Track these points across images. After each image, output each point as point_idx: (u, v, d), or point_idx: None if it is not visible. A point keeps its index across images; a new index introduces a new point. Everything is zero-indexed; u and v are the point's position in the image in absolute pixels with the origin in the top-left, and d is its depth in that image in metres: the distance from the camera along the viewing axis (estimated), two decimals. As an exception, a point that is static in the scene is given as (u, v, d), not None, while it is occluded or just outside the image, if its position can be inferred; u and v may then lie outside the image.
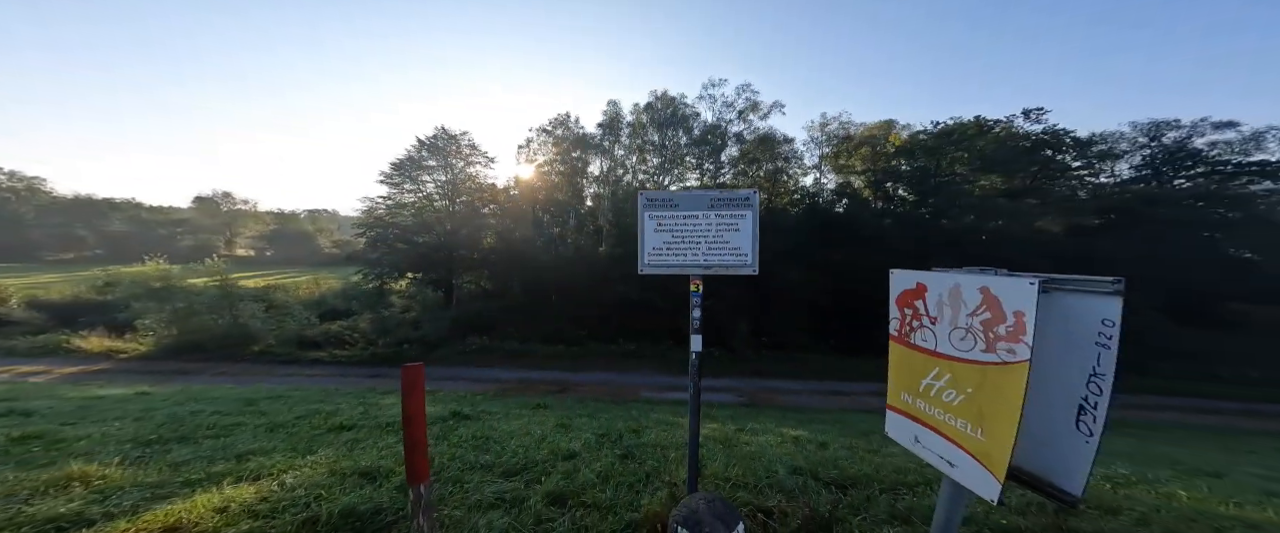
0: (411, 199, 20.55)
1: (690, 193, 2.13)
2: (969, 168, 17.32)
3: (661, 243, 2.10)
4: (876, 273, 10.19)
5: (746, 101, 21.52)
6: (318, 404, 5.78)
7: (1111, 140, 18.69)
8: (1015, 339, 1.03)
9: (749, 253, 2.06)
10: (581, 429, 4.19)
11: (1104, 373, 0.96)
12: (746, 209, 2.07)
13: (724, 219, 2.06)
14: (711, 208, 2.09)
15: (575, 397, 10.76)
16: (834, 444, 3.71)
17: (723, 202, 2.08)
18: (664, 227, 2.10)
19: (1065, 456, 1.04)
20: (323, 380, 11.84)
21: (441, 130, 20.58)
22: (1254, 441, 7.80)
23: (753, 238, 2.05)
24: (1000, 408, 1.05)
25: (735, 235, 2.06)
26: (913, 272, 1.43)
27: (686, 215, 2.09)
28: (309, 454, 3.13)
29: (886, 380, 1.48)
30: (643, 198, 2.14)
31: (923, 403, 1.33)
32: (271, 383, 10.53)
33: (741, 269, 2.06)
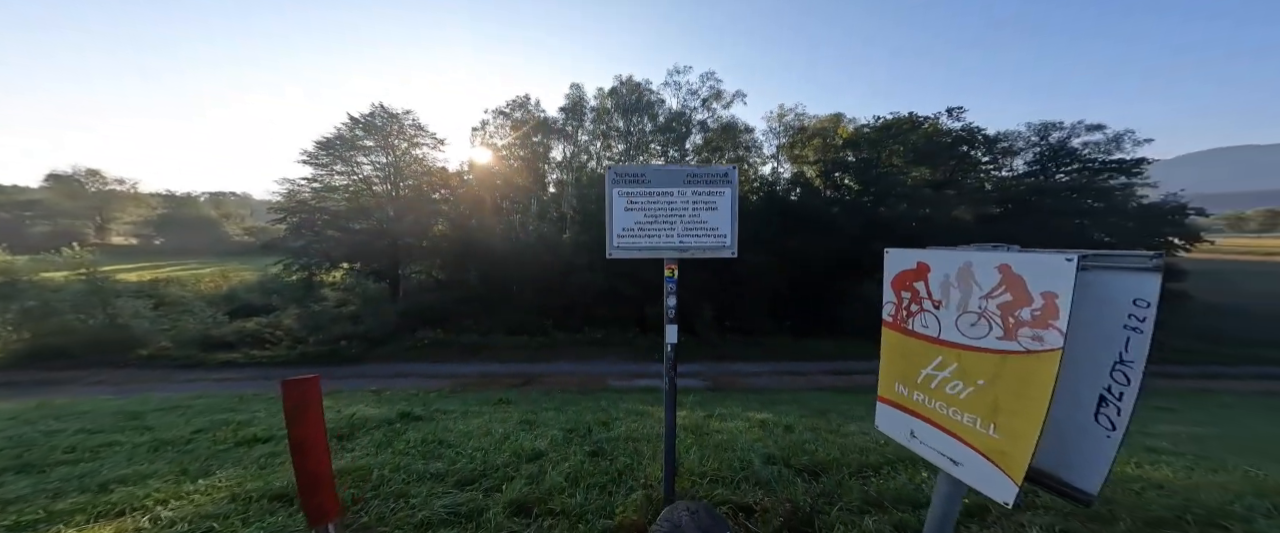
0: (344, 182, 18.33)
1: (664, 168, 1.94)
2: (904, 160, 19.07)
3: (633, 223, 1.89)
4: (828, 257, 11.06)
5: (710, 90, 21.75)
6: (227, 414, 4.98)
7: (1012, 138, 21.52)
8: (1044, 324, 0.92)
9: (728, 234, 1.91)
10: (548, 425, 3.98)
11: (1133, 360, 0.89)
12: (725, 186, 1.90)
13: (701, 196, 1.90)
14: (687, 184, 1.90)
15: (541, 389, 10.49)
16: (799, 426, 3.84)
17: (699, 178, 1.91)
18: (635, 205, 1.89)
19: (1082, 450, 0.97)
20: (238, 385, 10.35)
21: (380, 108, 18.43)
22: None
23: (732, 217, 1.90)
24: (1022, 402, 0.96)
25: (712, 215, 1.90)
26: (912, 250, 1.29)
27: (660, 193, 1.89)
28: (203, 478, 2.64)
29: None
30: (611, 174, 1.90)
31: (922, 395, 1.24)
32: (167, 391, 8.93)
33: (720, 251, 1.91)
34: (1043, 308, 0.93)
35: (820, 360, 14.06)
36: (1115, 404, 0.92)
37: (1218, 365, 13.89)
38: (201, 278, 22.06)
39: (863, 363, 13.76)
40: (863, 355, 14.57)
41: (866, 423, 4.49)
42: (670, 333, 1.96)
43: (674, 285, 1.95)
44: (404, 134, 18.80)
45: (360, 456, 2.94)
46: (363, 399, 6.70)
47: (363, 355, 13.62)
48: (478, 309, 16.55)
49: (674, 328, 1.96)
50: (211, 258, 38.02)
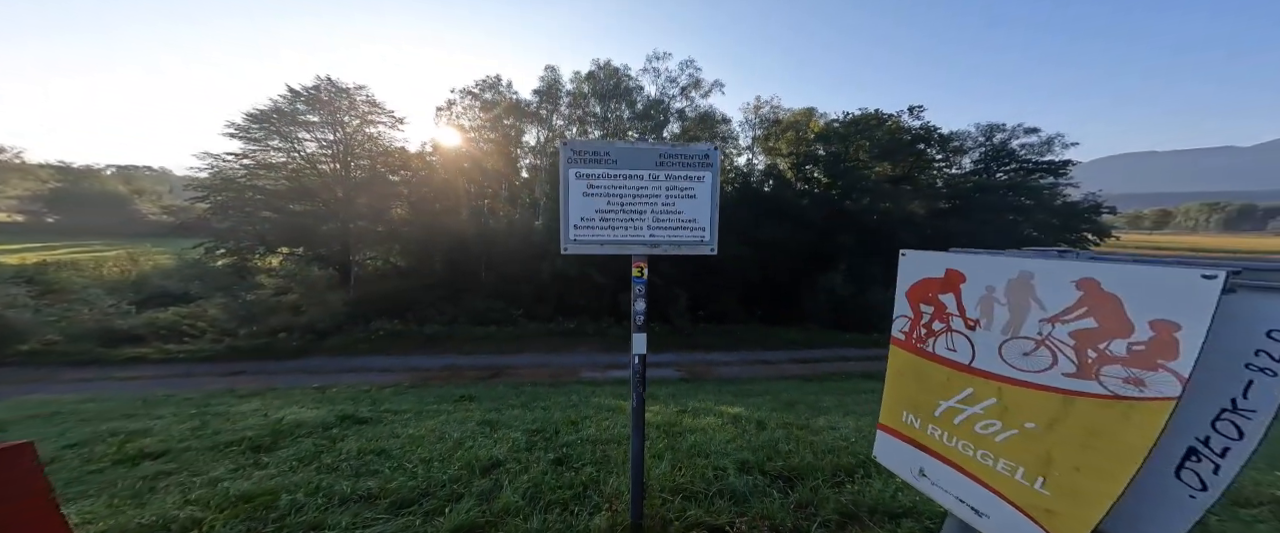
0: (282, 159, 16.48)
1: (632, 146, 1.60)
2: (869, 155, 19.88)
3: (593, 212, 1.59)
4: (797, 248, 11.21)
5: (689, 78, 21.41)
6: (121, 421, 4.25)
7: (962, 138, 23.02)
8: (1151, 364, 0.70)
9: (707, 227, 1.64)
10: (511, 425, 3.68)
11: (1254, 409, 0.67)
12: (705, 170, 1.63)
13: (676, 182, 1.61)
14: (660, 166, 1.61)
15: (509, 382, 10.09)
16: (771, 422, 3.78)
17: (675, 159, 1.62)
18: (596, 190, 1.58)
19: (1153, 512, 0.77)
20: (149, 385, 9.12)
21: (327, 81, 16.59)
22: None
23: (712, 207, 1.63)
24: (1096, 458, 0.75)
25: (690, 204, 1.62)
26: (939, 254, 1.07)
27: (627, 176, 1.59)
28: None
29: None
30: (567, 150, 1.57)
31: (939, 431, 1.06)
32: (53, 392, 7.63)
33: (698, 248, 1.64)
34: (1152, 342, 0.70)
35: (787, 349, 14.56)
36: (1214, 460, 0.71)
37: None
38: (104, 261, 19.23)
39: (825, 351, 14.42)
40: (825, 344, 15.27)
41: (833, 415, 4.58)
42: (638, 342, 1.66)
43: (644, 287, 1.65)
44: (356, 110, 17.12)
45: (272, 475, 2.48)
46: (301, 399, 6.02)
47: (307, 349, 12.49)
48: (441, 298, 15.65)
49: (643, 337, 1.67)
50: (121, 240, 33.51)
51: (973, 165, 23.70)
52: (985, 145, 23.10)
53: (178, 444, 3.15)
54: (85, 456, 2.92)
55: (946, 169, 23.67)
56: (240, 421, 4.13)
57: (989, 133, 22.85)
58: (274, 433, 3.45)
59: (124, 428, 3.77)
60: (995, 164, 22.99)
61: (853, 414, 4.67)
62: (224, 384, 9.03)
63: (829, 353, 14.33)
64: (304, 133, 16.47)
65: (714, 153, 1.67)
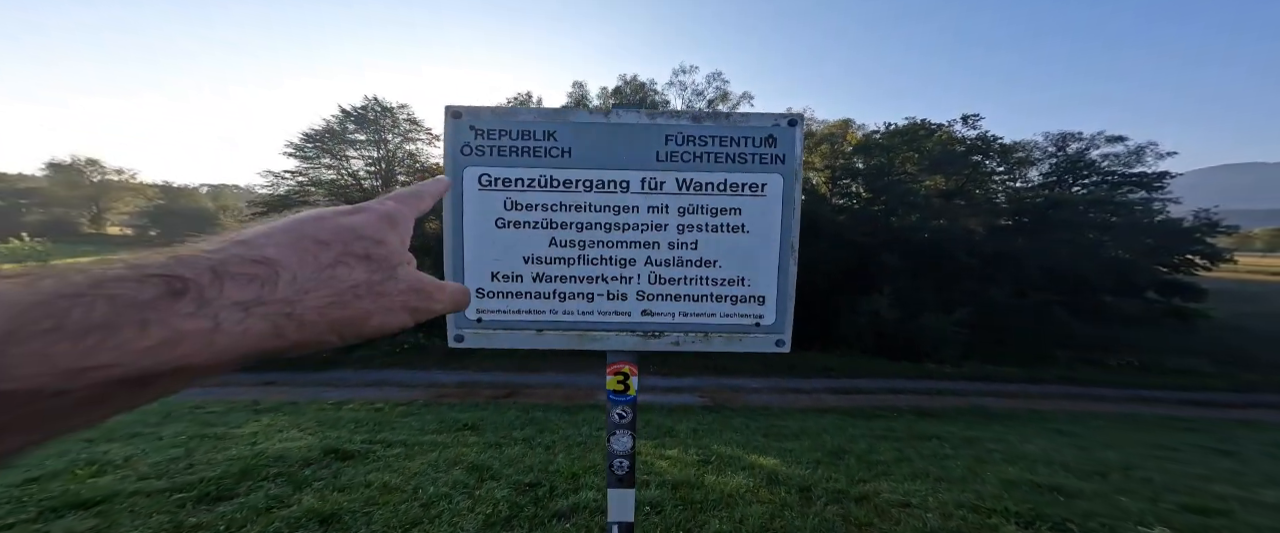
0: (331, 176, 17.69)
1: (606, 118, 0.87)
2: (917, 167, 18.32)
3: (518, 259, 0.87)
4: (835, 267, 9.87)
5: (717, 91, 21.07)
6: (117, 444, 3.90)
7: (1028, 148, 20.74)
8: None
9: (771, 290, 0.88)
10: (506, 471, 3.19)
11: None
12: (771, 170, 0.87)
13: (703, 195, 0.87)
14: (669, 162, 0.87)
15: (521, 404, 9.67)
16: (817, 487, 3.02)
17: (702, 145, 0.87)
18: (527, 211, 0.87)
19: None
20: (184, 393, 9.61)
21: (373, 101, 17.82)
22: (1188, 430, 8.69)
23: (783, 249, 0.89)
24: None
25: (733, 243, 0.88)
26: None
27: (595, 183, 0.87)
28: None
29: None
30: (459, 125, 0.87)
31: None
32: None
33: (748, 335, 0.89)
34: None
35: (822, 377, 13.24)
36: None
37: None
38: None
39: (869, 381, 12.92)
40: (868, 373, 13.74)
41: (899, 478, 3.66)
42: (617, 505, 0.97)
43: (631, 411, 0.95)
44: (398, 128, 18.19)
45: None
46: (307, 417, 5.87)
47: (337, 360, 12.87)
48: (465, 312, 15.83)
49: (628, 497, 0.97)
50: (204, 251, 37.61)
51: (1042, 178, 21.25)
52: (1057, 156, 20.68)
53: (132, 486, 2.89)
54: (18, 497, 2.68)
55: (1010, 183, 21.37)
56: (227, 450, 3.93)
57: (1061, 142, 20.48)
58: (243, 472, 3.15)
59: (102, 455, 3.62)
60: (1071, 177, 20.47)
61: (926, 478, 3.68)
62: (253, 394, 9.28)
63: (874, 384, 12.82)
64: (351, 150, 17.60)
65: (790, 131, 0.88)
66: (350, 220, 0.32)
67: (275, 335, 0.25)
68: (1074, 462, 4.65)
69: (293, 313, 0.26)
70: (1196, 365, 14.89)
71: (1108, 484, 3.74)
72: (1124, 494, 3.32)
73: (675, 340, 0.88)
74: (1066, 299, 18.43)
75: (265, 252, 0.27)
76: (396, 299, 0.31)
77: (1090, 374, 13.91)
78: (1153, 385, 13.05)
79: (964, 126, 19.31)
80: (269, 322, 0.25)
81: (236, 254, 0.26)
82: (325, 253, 0.29)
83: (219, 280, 0.24)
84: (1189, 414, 10.48)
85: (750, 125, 0.88)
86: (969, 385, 12.68)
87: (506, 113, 0.87)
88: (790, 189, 0.89)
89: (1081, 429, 7.78)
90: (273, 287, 0.25)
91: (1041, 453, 5.06)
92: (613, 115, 0.87)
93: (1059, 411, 10.42)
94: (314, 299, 0.27)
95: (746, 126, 0.88)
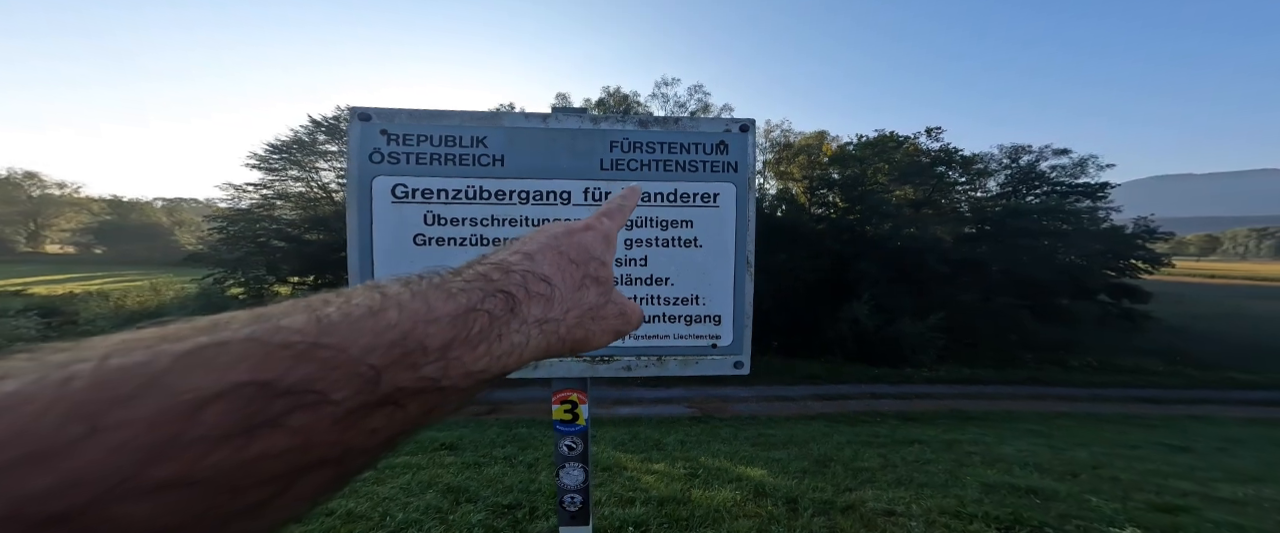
0: (299, 189, 16.93)
1: (542, 123, 0.79)
2: (888, 178, 19.18)
3: None
4: (813, 275, 9.99)
5: (698, 103, 21.57)
6: None
7: (986, 160, 22.10)
8: None
9: (727, 310, 0.85)
10: (483, 492, 3.00)
11: None
12: (723, 179, 0.83)
13: (653, 207, 0.82)
14: (613, 169, 0.80)
15: (504, 420, 9.30)
16: (805, 498, 2.99)
17: (648, 151, 0.81)
18: (445, 227, 0.79)
19: None
20: None
21: (347, 110, 17.27)
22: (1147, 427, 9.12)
23: (738, 264, 0.85)
24: None
25: (685, 258, 0.82)
26: None
27: (530, 195, 0.80)
28: None
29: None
30: (367, 128, 0.79)
31: None
32: None
33: (703, 358, 0.84)
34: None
35: (808, 384, 13.38)
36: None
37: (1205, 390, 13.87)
38: (128, 293, 19.77)
39: (852, 387, 13.15)
40: (851, 379, 14.00)
41: (883, 485, 3.68)
42: None
43: (582, 442, 0.87)
44: (371, 139, 17.69)
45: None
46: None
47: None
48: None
49: (583, 532, 0.90)
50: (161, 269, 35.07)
51: (999, 188, 22.63)
52: (1011, 168, 22.11)
53: None
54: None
55: (971, 192, 22.66)
56: None
57: (1014, 154, 21.92)
58: None
59: None
60: (1024, 187, 21.89)
61: (910, 485, 3.71)
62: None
63: (857, 389, 13.05)
64: (322, 162, 16.93)
65: (742, 137, 0.83)
66: (586, 239, 0.33)
67: (546, 350, 0.27)
68: (1048, 462, 4.81)
69: (558, 331, 0.28)
70: (1147, 364, 15.91)
71: (1080, 485, 3.87)
72: (1095, 494, 3.44)
73: (627, 365, 0.81)
74: (1029, 303, 19.49)
75: (545, 270, 0.29)
76: (610, 323, 0.32)
77: (1055, 374, 14.63)
78: (1110, 384, 13.84)
79: (928, 139, 20.45)
80: (546, 337, 0.27)
81: (529, 270, 0.28)
82: (576, 272, 0.31)
83: (528, 298, 0.27)
84: (1145, 411, 11.14)
85: (701, 131, 0.81)
86: (947, 389, 13.08)
87: (427, 117, 0.77)
88: (744, 199, 0.83)
89: (1052, 429, 8.12)
90: (551, 305, 0.28)
91: (1017, 455, 5.21)
92: (552, 119, 0.79)
93: (1030, 411, 10.87)
94: (571, 318, 0.29)
95: (696, 132, 0.81)
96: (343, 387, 0.18)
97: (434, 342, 0.21)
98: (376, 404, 0.19)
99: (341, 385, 0.18)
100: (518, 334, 0.25)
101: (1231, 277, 59.18)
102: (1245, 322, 25.02)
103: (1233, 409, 11.59)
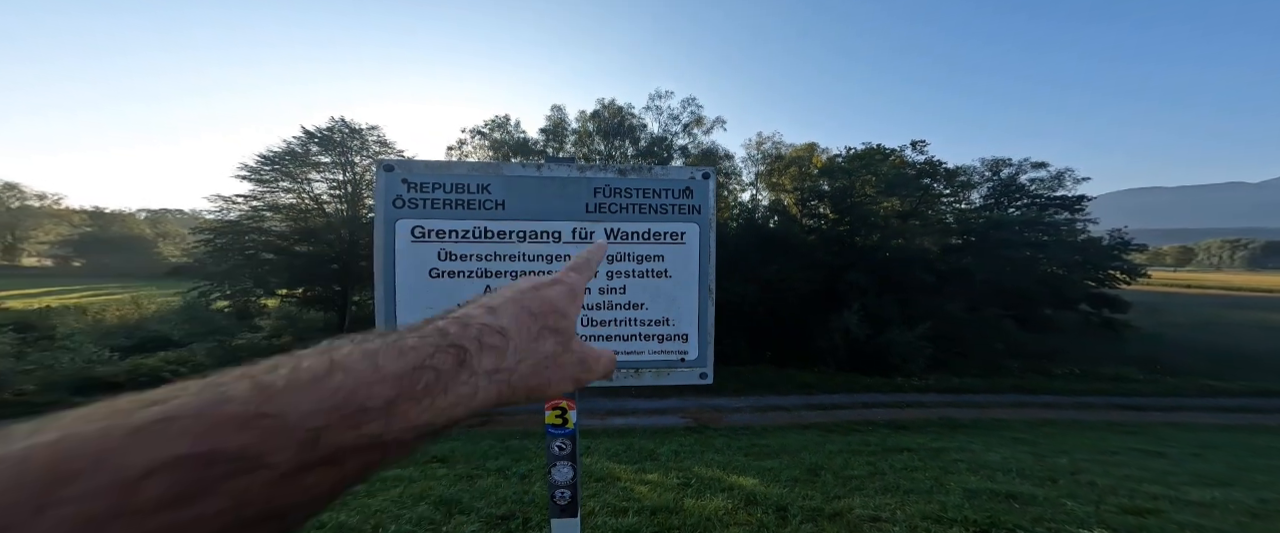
0: (290, 200, 16.79)
1: (537, 171, 0.93)
2: (875, 190, 19.71)
3: (454, 305, 0.59)
4: (805, 286, 10.11)
5: (691, 115, 22.05)
6: None
7: (969, 173, 22.84)
8: None
9: (693, 328, 0.95)
10: (478, 504, 3.01)
11: None
12: (688, 217, 0.96)
13: (629, 244, 0.94)
14: (597, 213, 0.94)
15: (498, 431, 9.19)
16: (794, 507, 3.06)
17: (627, 196, 0.94)
18: (459, 262, 0.91)
19: None
20: None
21: (340, 122, 17.34)
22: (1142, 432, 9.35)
23: (701, 290, 0.96)
24: None
25: (656, 287, 0.94)
26: None
27: (527, 234, 0.92)
28: None
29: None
30: (391, 178, 0.90)
31: None
32: None
33: (672, 369, 0.95)
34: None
35: (801, 393, 13.47)
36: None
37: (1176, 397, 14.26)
38: (108, 306, 19.22)
39: (844, 396, 13.26)
40: (843, 388, 14.12)
41: (871, 492, 3.77)
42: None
43: (571, 443, 0.96)
44: (367, 150, 17.68)
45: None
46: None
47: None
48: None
49: (572, 524, 0.98)
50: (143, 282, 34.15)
51: (982, 200, 23.34)
52: (992, 180, 22.86)
53: None
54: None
55: (955, 204, 23.32)
56: None
57: (995, 167, 22.70)
58: None
59: None
60: (1006, 199, 22.60)
61: (896, 492, 3.80)
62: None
63: (848, 399, 13.16)
64: (314, 173, 16.88)
65: (705, 183, 0.97)
66: (550, 293, 0.36)
67: (498, 399, 0.29)
68: (1030, 469, 4.93)
69: (510, 380, 0.29)
70: (1127, 372, 16.32)
71: (1057, 489, 3.99)
72: (1070, 498, 3.56)
73: (600, 374, 1.04)
74: (1013, 313, 19.95)
75: (502, 322, 0.30)
76: (568, 370, 0.34)
77: (1039, 383, 14.91)
78: (1092, 392, 14.14)
79: (913, 151, 21.11)
80: (497, 387, 0.28)
81: (487, 323, 0.30)
82: (534, 324, 0.32)
83: (481, 350, 0.28)
84: (1125, 418, 11.40)
85: (670, 178, 0.96)
86: (937, 398, 13.24)
87: (440, 167, 0.92)
88: (706, 237, 0.97)
89: (1037, 436, 8.28)
90: (504, 356, 0.29)
91: (1002, 461, 5.33)
92: (545, 169, 0.94)
93: (1016, 419, 11.06)
94: (524, 368, 0.30)
95: (666, 179, 0.96)
96: (281, 451, 0.19)
97: (378, 400, 0.22)
98: (316, 464, 0.20)
99: (279, 450, 0.19)
100: (465, 386, 0.26)
101: (1207, 287, 61.19)
102: (1221, 331, 25.83)
103: (1208, 415, 11.94)
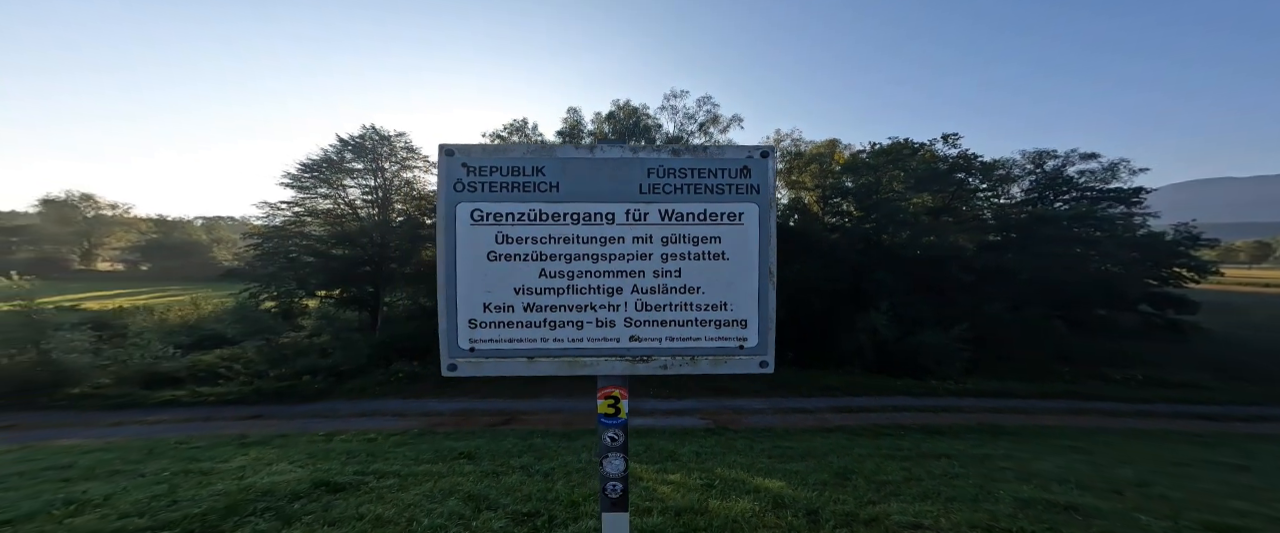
0: (327, 205, 17.77)
1: (590, 154, 0.92)
2: (904, 185, 18.85)
3: (510, 290, 0.88)
4: (828, 285, 9.80)
5: (707, 114, 21.74)
6: (98, 482, 3.82)
7: (1008, 166, 21.45)
8: None
9: (753, 314, 0.91)
10: (505, 500, 3.07)
11: None
12: (747, 200, 0.91)
13: (684, 224, 0.90)
14: (650, 194, 0.90)
15: (520, 431, 9.36)
16: (825, 511, 2.93)
17: (681, 177, 0.90)
18: (518, 244, 0.89)
19: None
20: (168, 429, 9.06)
21: (371, 129, 18.22)
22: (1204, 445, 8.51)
23: (761, 273, 0.91)
24: None
25: (714, 270, 0.90)
26: None
27: (582, 215, 0.89)
28: None
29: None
30: (452, 163, 0.91)
31: None
32: (88, 435, 7.72)
33: (732, 357, 0.92)
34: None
35: (825, 396, 12.98)
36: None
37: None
38: (171, 307, 20.96)
39: (872, 399, 12.67)
40: (871, 391, 13.50)
41: (908, 499, 3.53)
42: (612, 531, 1.01)
43: (622, 434, 0.97)
44: (395, 156, 18.48)
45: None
46: (297, 450, 5.65)
47: (329, 391, 12.45)
48: (460, 339, 15.53)
49: (622, 518, 0.98)
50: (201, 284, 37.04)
51: (1024, 195, 21.89)
52: (1035, 173, 21.41)
53: (112, 525, 2.75)
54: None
55: (994, 199, 21.97)
56: (213, 485, 3.75)
57: (1038, 159, 21.25)
58: (229, 508, 3.00)
59: (80, 495, 3.44)
60: (1051, 193, 21.11)
61: (936, 499, 3.56)
62: (240, 428, 8.92)
63: (877, 402, 12.59)
64: (348, 179, 17.78)
65: (763, 162, 0.91)
66: None
67: None
68: (1089, 479, 4.54)
69: None
70: (1198, 379, 14.84)
71: (1125, 502, 3.64)
72: (1143, 512, 3.23)
73: (663, 364, 0.90)
74: (1062, 313, 18.55)
75: None
76: None
77: (1094, 389, 13.78)
78: (1157, 399, 12.92)
79: (944, 145, 20.05)
80: None
81: None
82: None
83: None
84: (1197, 428, 10.34)
85: (726, 158, 0.92)
86: (976, 402, 12.47)
87: (497, 150, 0.91)
88: (766, 217, 0.92)
89: (1092, 445, 7.62)
90: None
91: (1055, 470, 4.94)
92: (597, 150, 0.93)
93: (1067, 426, 10.24)
94: None
95: (722, 159, 0.91)
96: None
97: None
98: None
99: None
100: None
101: (1292, 285, 54.88)
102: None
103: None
